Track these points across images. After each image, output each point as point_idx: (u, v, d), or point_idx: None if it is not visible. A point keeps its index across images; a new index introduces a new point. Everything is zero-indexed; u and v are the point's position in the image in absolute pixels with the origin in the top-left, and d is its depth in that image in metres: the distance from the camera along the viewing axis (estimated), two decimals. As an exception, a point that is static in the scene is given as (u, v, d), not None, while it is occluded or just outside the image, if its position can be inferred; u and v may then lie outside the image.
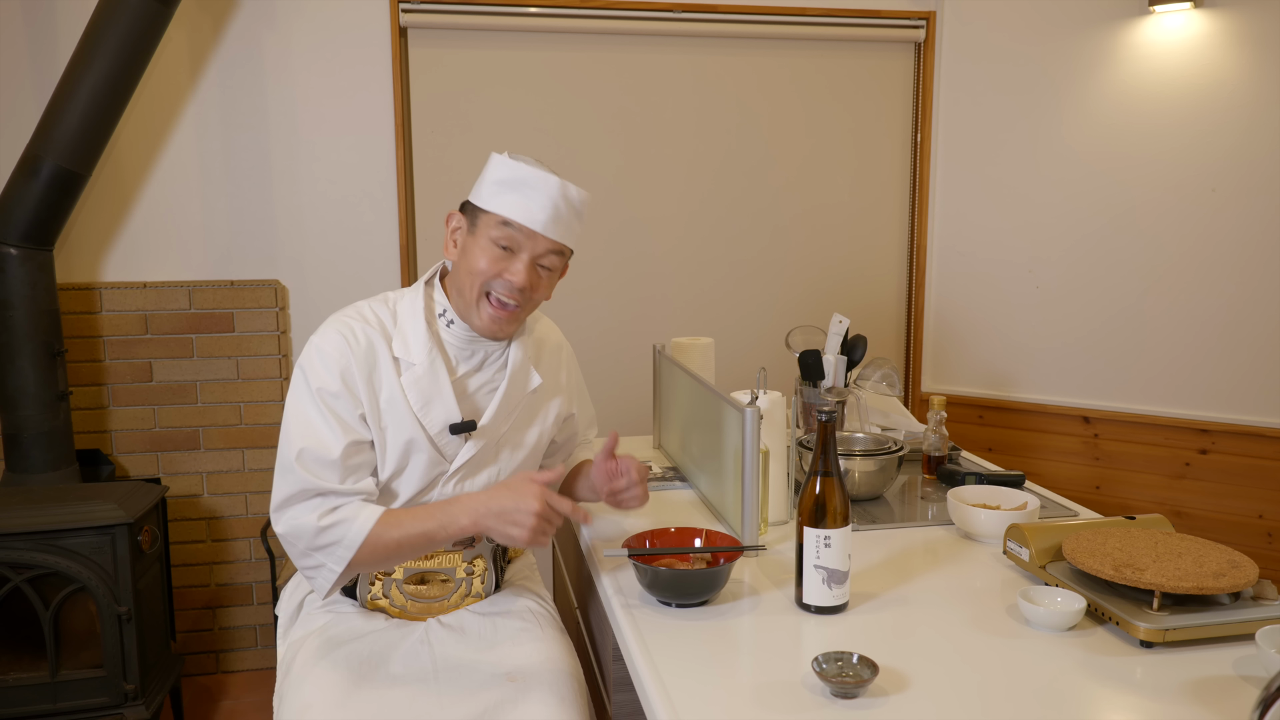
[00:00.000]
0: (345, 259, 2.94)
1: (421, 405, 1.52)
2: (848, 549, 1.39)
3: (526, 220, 1.49)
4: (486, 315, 1.52)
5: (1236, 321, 2.83)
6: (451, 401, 1.54)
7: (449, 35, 2.95)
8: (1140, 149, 2.91)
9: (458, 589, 1.63)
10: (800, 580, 1.40)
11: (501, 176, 1.50)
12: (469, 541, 1.62)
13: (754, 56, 3.15)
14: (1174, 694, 1.17)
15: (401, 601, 1.61)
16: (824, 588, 1.39)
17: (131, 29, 2.42)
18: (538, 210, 1.49)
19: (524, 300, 1.53)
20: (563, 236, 1.53)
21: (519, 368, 1.61)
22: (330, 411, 1.48)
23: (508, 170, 1.50)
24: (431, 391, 1.53)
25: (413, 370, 1.52)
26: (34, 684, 2.30)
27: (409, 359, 1.53)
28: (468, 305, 1.53)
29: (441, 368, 1.54)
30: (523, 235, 1.50)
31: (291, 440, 1.48)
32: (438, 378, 1.53)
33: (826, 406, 1.42)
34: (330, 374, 1.49)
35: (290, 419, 1.50)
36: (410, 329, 1.55)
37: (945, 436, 2.09)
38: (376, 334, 1.53)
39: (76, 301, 2.77)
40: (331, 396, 1.48)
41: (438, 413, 1.53)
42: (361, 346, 1.51)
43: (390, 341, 1.53)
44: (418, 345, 1.53)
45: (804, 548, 1.39)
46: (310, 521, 1.44)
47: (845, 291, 3.31)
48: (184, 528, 2.91)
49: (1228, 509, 2.90)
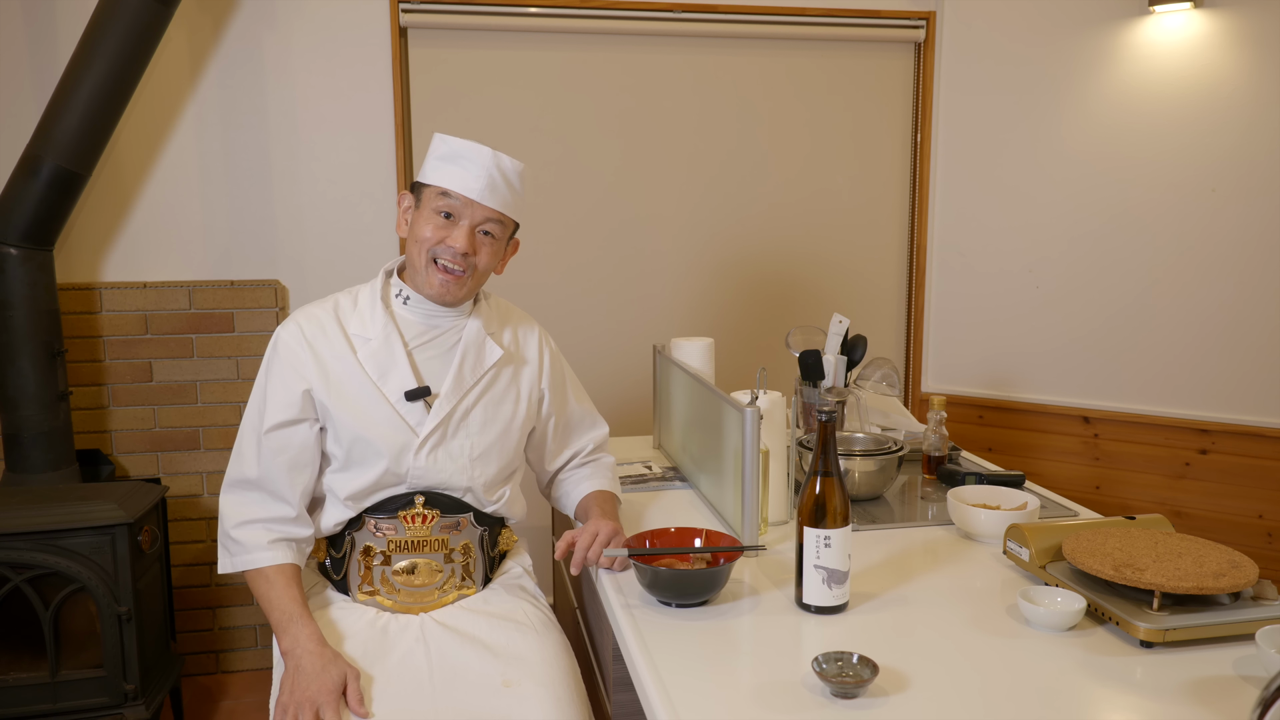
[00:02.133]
0: (345, 259, 2.94)
1: (379, 375, 1.61)
2: (848, 549, 1.39)
3: (463, 189, 1.58)
4: (436, 281, 1.61)
5: (1236, 321, 2.83)
6: (407, 369, 1.62)
7: (449, 35, 2.95)
8: (1140, 149, 2.91)
9: (448, 578, 1.64)
10: (800, 580, 1.40)
11: (441, 152, 1.61)
12: (454, 525, 1.65)
13: (754, 56, 3.15)
14: (1174, 694, 1.17)
15: (392, 592, 1.62)
16: (824, 588, 1.39)
17: (131, 29, 2.42)
18: (473, 180, 1.58)
19: (468, 266, 1.61)
20: (501, 205, 1.61)
21: (474, 337, 1.68)
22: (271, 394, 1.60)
23: (446, 146, 1.61)
24: (387, 362, 1.62)
25: (369, 344, 1.62)
26: (34, 684, 2.30)
27: (365, 334, 1.63)
28: (418, 274, 1.63)
29: (396, 340, 1.63)
30: (461, 203, 1.59)
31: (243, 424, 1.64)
32: (393, 349, 1.62)
33: (826, 406, 1.42)
34: (278, 358, 1.62)
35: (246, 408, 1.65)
36: (367, 308, 1.66)
37: (945, 436, 2.09)
38: (330, 317, 1.65)
39: (76, 301, 2.77)
40: (275, 377, 1.61)
41: (394, 381, 1.61)
42: (313, 326, 1.64)
43: (344, 323, 1.65)
44: (373, 321, 1.64)
45: (804, 548, 1.39)
46: (229, 520, 1.60)
47: (845, 291, 3.32)
48: (184, 528, 2.91)
49: (1228, 509, 2.90)
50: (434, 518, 1.63)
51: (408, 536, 1.62)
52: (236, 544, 1.58)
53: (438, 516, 1.63)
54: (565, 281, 3.11)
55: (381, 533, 1.62)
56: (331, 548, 1.67)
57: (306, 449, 1.60)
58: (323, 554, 1.69)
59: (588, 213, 3.12)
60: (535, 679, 1.50)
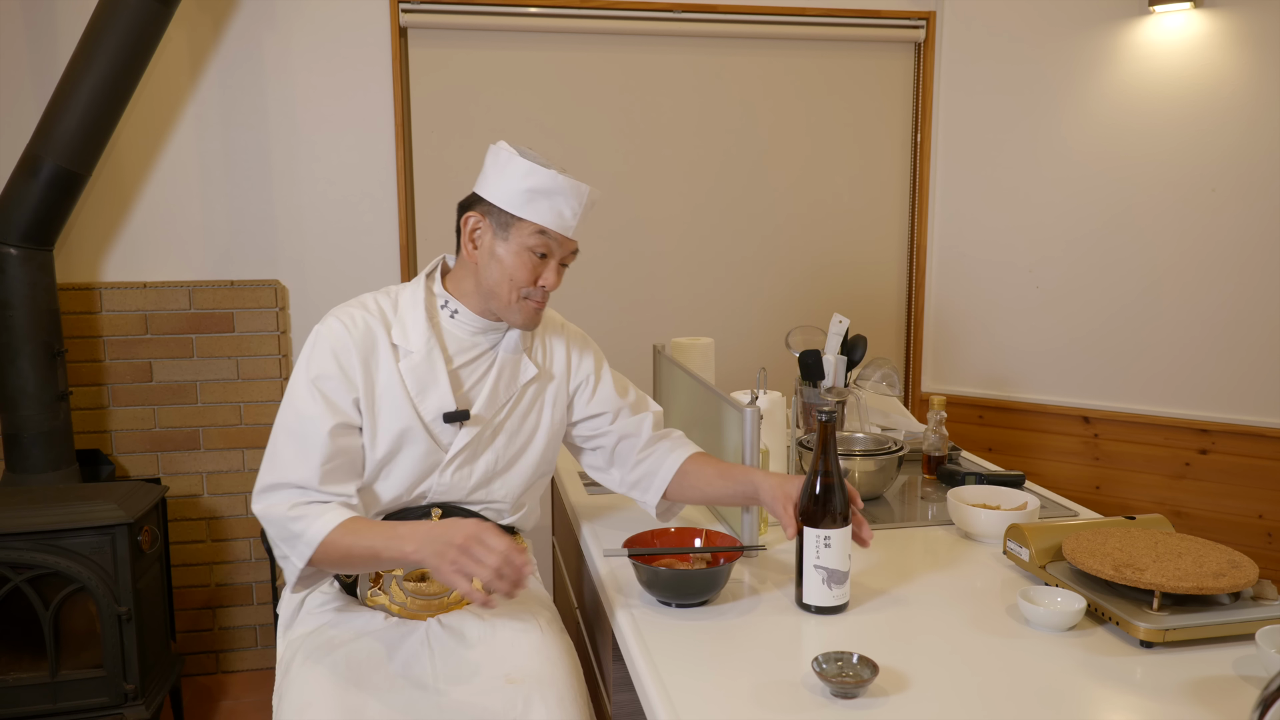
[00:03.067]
0: (345, 259, 2.94)
1: (418, 392, 1.55)
2: (847, 549, 1.39)
3: (562, 229, 1.55)
4: (530, 311, 1.58)
5: (1236, 321, 2.83)
6: (447, 389, 1.56)
7: (449, 35, 2.95)
8: (1140, 149, 2.91)
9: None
10: (800, 580, 1.40)
11: (533, 185, 1.53)
12: None
13: (754, 56, 3.15)
14: (1174, 694, 1.17)
15: (401, 599, 1.61)
16: (824, 588, 1.39)
17: (131, 29, 2.42)
18: (570, 217, 1.55)
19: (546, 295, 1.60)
20: (577, 236, 1.60)
21: (510, 357, 1.63)
22: (322, 395, 1.51)
23: (537, 179, 1.53)
24: (428, 379, 1.56)
25: (410, 358, 1.56)
26: (34, 684, 2.30)
27: (407, 346, 1.56)
28: (498, 303, 1.58)
29: (439, 356, 1.57)
30: (556, 242, 1.56)
31: (283, 426, 1.52)
32: (434, 366, 1.56)
33: (827, 407, 1.42)
34: (326, 359, 1.53)
35: (284, 404, 1.54)
36: (410, 318, 1.58)
37: (945, 436, 2.09)
38: (376, 321, 1.57)
39: (76, 301, 2.77)
40: (324, 379, 1.52)
41: (433, 400, 1.56)
42: (360, 331, 1.55)
43: (389, 329, 1.57)
44: (416, 334, 1.57)
45: (804, 548, 1.39)
46: (281, 510, 1.46)
47: (845, 291, 3.31)
48: (184, 528, 2.91)
49: (1228, 509, 2.90)
50: None
51: None
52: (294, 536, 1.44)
53: None
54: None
55: None
56: None
57: (360, 457, 1.54)
58: None
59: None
60: (538, 678, 1.50)
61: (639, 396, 1.79)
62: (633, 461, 1.73)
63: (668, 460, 1.70)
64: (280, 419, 1.53)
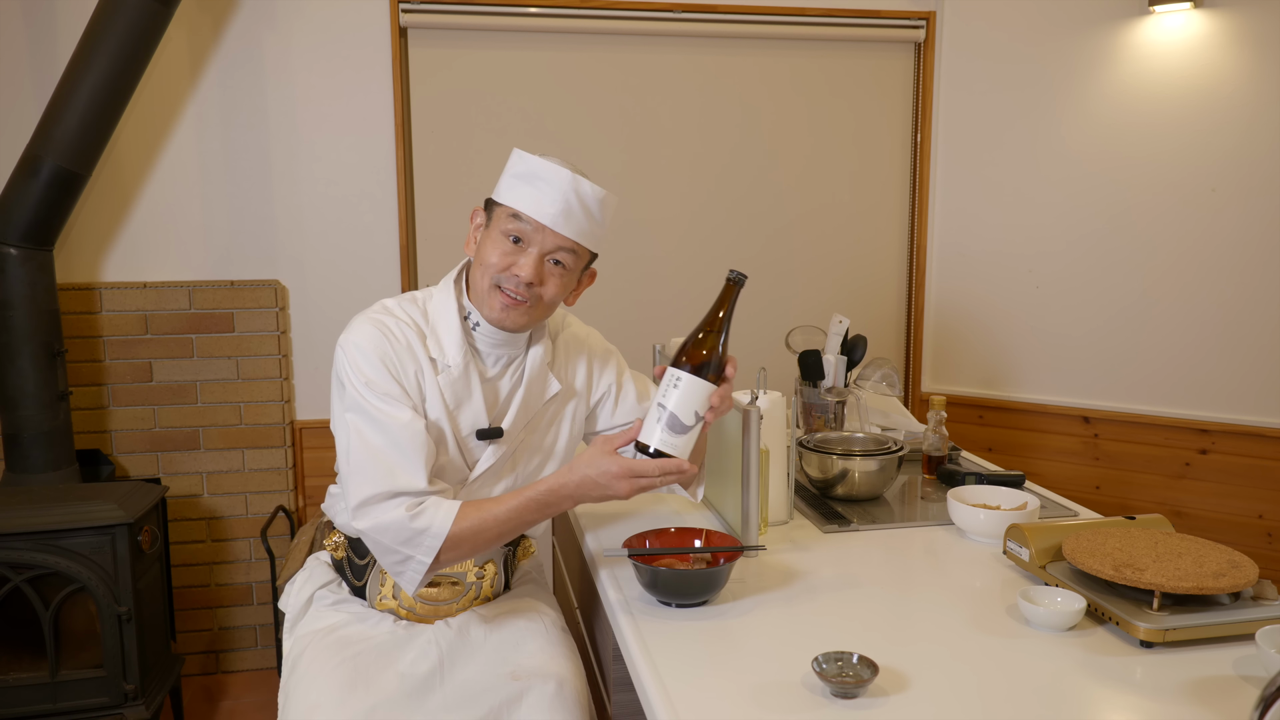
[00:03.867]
0: (345, 259, 2.94)
1: (455, 406, 1.52)
2: (696, 404, 1.39)
3: (535, 213, 1.47)
4: (497, 305, 1.51)
5: (1236, 321, 2.83)
6: (481, 406, 1.54)
7: (449, 35, 2.95)
8: (1140, 149, 2.91)
9: (467, 593, 1.63)
10: None
11: (517, 170, 1.50)
12: None
13: (754, 57, 3.15)
14: (1174, 694, 1.17)
15: (410, 604, 1.61)
16: (661, 430, 1.39)
17: (131, 29, 2.42)
18: (548, 204, 1.47)
19: (531, 296, 1.50)
20: (575, 234, 1.50)
21: (536, 373, 1.59)
22: (397, 399, 1.47)
23: (523, 164, 1.50)
24: (464, 394, 1.53)
25: (448, 372, 1.52)
26: (34, 684, 2.30)
27: (445, 360, 1.52)
28: (480, 296, 1.53)
29: (474, 372, 1.54)
30: (532, 228, 1.48)
31: (364, 437, 1.45)
32: (471, 381, 1.53)
33: (737, 270, 1.43)
34: (377, 369, 1.47)
35: (356, 418, 1.47)
36: (444, 330, 1.54)
37: (945, 436, 2.09)
38: (413, 333, 1.52)
39: (76, 301, 2.77)
40: (388, 384, 1.47)
41: (468, 416, 1.53)
42: (401, 344, 1.50)
43: (425, 340, 1.53)
44: (452, 347, 1.53)
45: (660, 384, 1.39)
46: (398, 514, 1.42)
47: (845, 291, 3.32)
48: (184, 528, 2.91)
49: (1228, 509, 2.90)
50: None
51: None
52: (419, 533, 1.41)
53: None
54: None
55: None
56: (354, 553, 1.63)
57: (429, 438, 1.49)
58: (342, 552, 1.66)
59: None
60: (543, 676, 1.50)
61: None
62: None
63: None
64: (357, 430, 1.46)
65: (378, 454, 1.44)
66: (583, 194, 1.49)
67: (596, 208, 1.51)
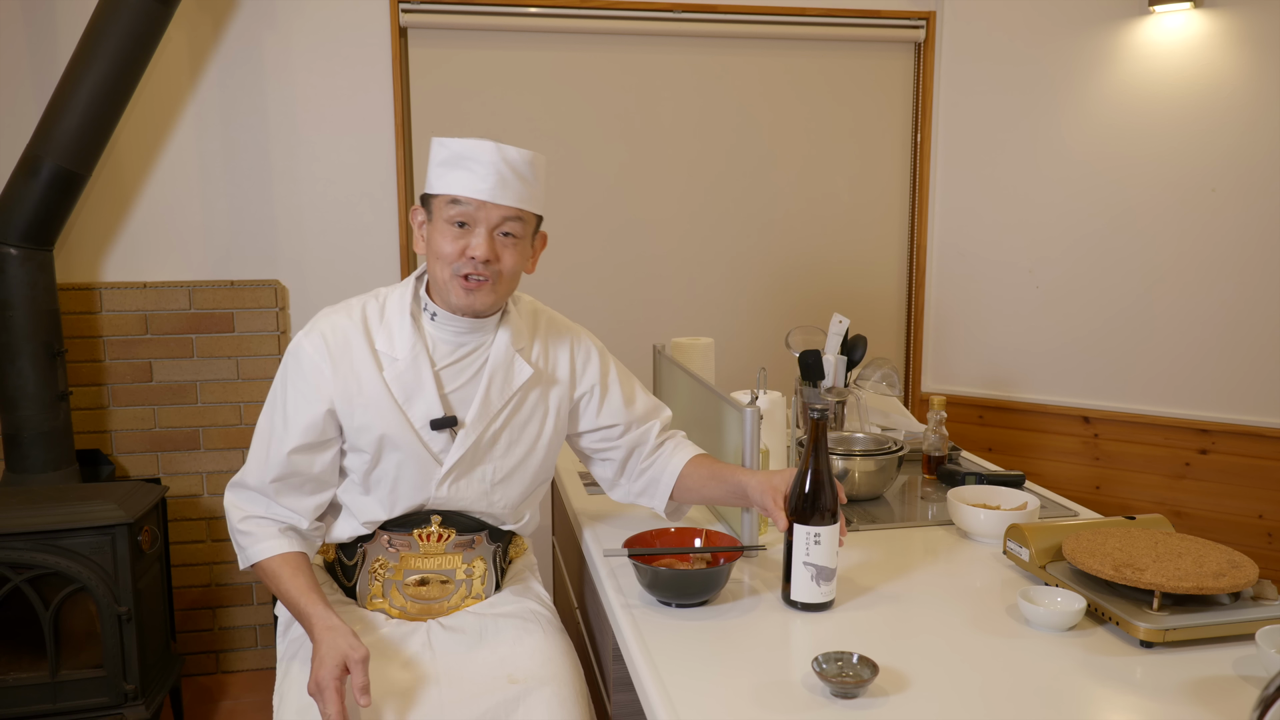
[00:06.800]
0: (345, 259, 2.94)
1: (405, 399, 1.53)
2: (836, 546, 1.39)
3: (472, 192, 1.47)
4: (461, 291, 1.51)
5: (1236, 321, 2.83)
6: (434, 395, 1.53)
7: (449, 35, 2.95)
8: (1140, 149, 2.91)
9: (457, 590, 1.63)
10: (788, 576, 1.41)
11: (442, 158, 1.50)
12: (469, 543, 1.62)
13: (754, 57, 3.15)
14: (1174, 694, 1.17)
15: (401, 603, 1.61)
16: (812, 584, 1.39)
17: (131, 29, 2.42)
18: (481, 180, 1.47)
19: (491, 273, 1.50)
20: (516, 200, 1.49)
21: (502, 358, 1.58)
22: (291, 413, 1.53)
23: (446, 150, 1.50)
24: (414, 385, 1.53)
25: (396, 365, 1.53)
26: (34, 684, 2.30)
27: (392, 354, 1.54)
28: (443, 290, 1.53)
29: (424, 361, 1.54)
30: (474, 208, 1.48)
31: (259, 428, 1.57)
32: (420, 372, 1.53)
33: (819, 405, 1.42)
34: (300, 375, 1.54)
35: (266, 405, 1.58)
36: (395, 323, 1.55)
37: (945, 436, 2.09)
38: (358, 330, 1.55)
39: (76, 301, 2.77)
40: (299, 397, 1.53)
41: (420, 407, 1.53)
42: (339, 343, 1.54)
43: (372, 336, 1.55)
44: (401, 340, 1.54)
45: (793, 545, 1.39)
46: (235, 517, 1.56)
47: (845, 291, 3.31)
48: (184, 528, 2.91)
49: (1228, 509, 2.90)
50: (449, 536, 1.60)
51: (421, 553, 1.59)
52: (246, 535, 1.54)
53: (453, 535, 1.60)
54: (565, 281, 3.11)
55: (395, 548, 1.59)
56: (343, 554, 1.65)
57: (326, 472, 1.55)
58: (331, 554, 1.67)
59: (588, 213, 3.12)
60: (540, 679, 1.50)
61: (648, 404, 1.74)
62: (638, 471, 1.72)
63: (669, 467, 1.68)
64: (260, 419, 1.58)
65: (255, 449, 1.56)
66: (511, 161, 1.48)
67: (528, 170, 1.51)
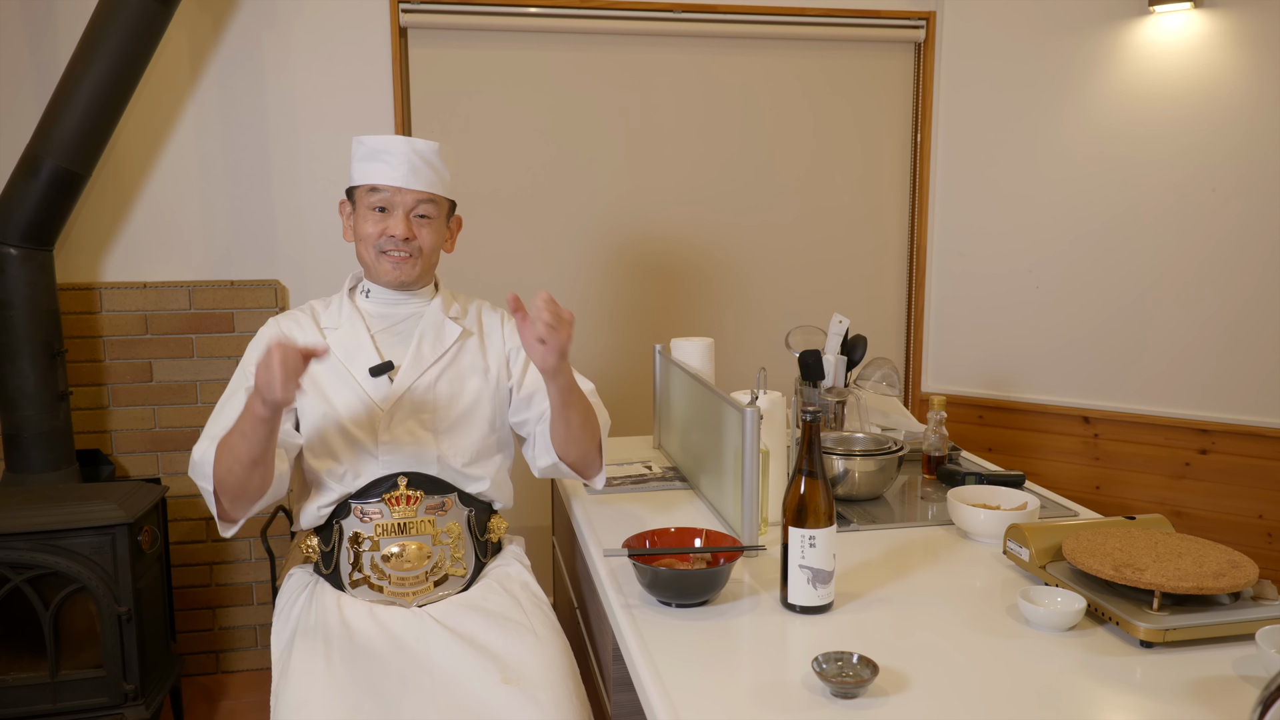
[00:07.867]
0: (345, 259, 2.94)
1: (347, 357, 1.72)
2: (832, 549, 1.39)
3: (388, 180, 1.70)
4: (388, 266, 1.73)
5: (1236, 321, 2.83)
6: (370, 349, 1.73)
7: (449, 35, 2.95)
8: (1140, 149, 2.91)
9: (435, 557, 1.67)
10: (785, 580, 1.41)
11: (361, 154, 1.73)
12: (440, 506, 1.69)
13: (754, 57, 3.15)
14: (1174, 694, 1.17)
15: (382, 578, 1.64)
16: (809, 587, 1.39)
17: (131, 29, 2.42)
18: (394, 170, 1.69)
19: (412, 249, 1.73)
20: (427, 186, 1.72)
21: (432, 319, 1.78)
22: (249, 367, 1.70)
23: (364, 147, 1.72)
24: (353, 345, 1.74)
25: (336, 332, 1.76)
26: (34, 684, 2.30)
27: (333, 324, 1.77)
28: (372, 269, 1.76)
29: (361, 326, 1.76)
30: (390, 193, 1.71)
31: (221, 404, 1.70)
32: (357, 333, 1.75)
33: (812, 406, 1.42)
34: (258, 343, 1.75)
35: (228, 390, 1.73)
36: (336, 303, 1.81)
37: (945, 436, 2.09)
38: (306, 315, 1.79)
39: (76, 301, 2.77)
40: (254, 356, 1.72)
41: (360, 360, 1.72)
42: (292, 324, 1.77)
43: (319, 319, 1.79)
44: (341, 312, 1.78)
45: (789, 548, 1.39)
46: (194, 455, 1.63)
47: (845, 291, 3.32)
48: (184, 528, 2.91)
49: (1228, 509, 2.90)
50: (418, 499, 1.68)
51: (394, 520, 1.67)
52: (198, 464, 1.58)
53: (422, 497, 1.69)
54: (565, 281, 3.11)
55: (368, 518, 1.67)
56: (321, 541, 1.72)
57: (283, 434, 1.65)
58: (315, 554, 1.74)
59: (588, 212, 3.12)
60: (534, 680, 1.50)
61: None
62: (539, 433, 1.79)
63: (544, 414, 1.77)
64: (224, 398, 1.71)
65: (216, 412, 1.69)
66: (421, 152, 1.71)
67: (437, 160, 1.74)
